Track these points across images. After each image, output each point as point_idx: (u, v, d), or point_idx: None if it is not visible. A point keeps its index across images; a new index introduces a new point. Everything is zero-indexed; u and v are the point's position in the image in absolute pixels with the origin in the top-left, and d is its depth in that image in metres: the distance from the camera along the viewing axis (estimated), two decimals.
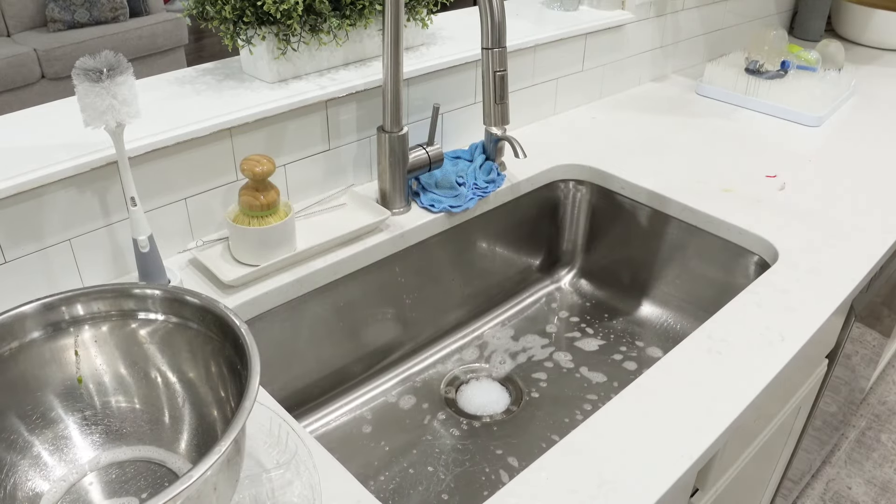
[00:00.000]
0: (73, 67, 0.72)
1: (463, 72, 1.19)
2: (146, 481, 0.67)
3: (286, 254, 0.93)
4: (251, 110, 0.95)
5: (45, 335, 0.66)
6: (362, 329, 1.10)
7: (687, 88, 1.60)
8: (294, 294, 0.95)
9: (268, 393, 0.77)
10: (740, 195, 1.16)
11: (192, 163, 0.93)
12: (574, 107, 1.47)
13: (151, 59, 3.74)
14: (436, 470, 0.98)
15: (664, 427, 0.73)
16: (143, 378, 0.70)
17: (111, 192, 0.87)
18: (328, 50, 1.07)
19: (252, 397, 0.55)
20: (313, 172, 1.07)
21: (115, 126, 0.76)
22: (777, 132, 1.41)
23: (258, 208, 0.90)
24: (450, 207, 1.09)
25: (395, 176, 1.05)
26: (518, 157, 1.12)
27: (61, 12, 3.55)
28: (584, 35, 1.38)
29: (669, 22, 1.58)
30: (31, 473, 0.65)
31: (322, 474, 0.67)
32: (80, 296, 0.67)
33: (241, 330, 0.62)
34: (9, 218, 0.80)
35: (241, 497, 0.64)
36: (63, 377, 0.68)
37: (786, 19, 2.00)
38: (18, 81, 3.29)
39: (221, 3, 0.96)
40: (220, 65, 1.11)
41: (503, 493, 0.66)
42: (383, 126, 1.03)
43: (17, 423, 0.65)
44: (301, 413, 1.05)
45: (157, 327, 0.69)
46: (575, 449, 0.71)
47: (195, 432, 0.69)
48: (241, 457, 0.61)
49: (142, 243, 0.83)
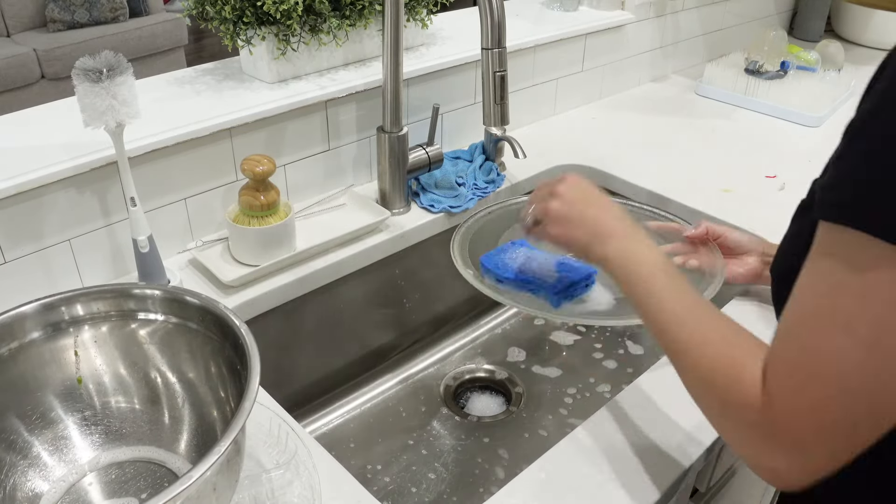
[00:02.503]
0: (72, 67, 0.72)
1: (463, 72, 1.19)
2: (146, 481, 0.67)
3: (286, 254, 0.93)
4: (251, 110, 0.95)
5: (44, 335, 0.66)
6: (362, 329, 1.10)
7: (687, 89, 1.60)
8: (294, 294, 0.95)
9: (267, 393, 0.77)
10: (740, 195, 1.16)
11: (192, 163, 0.93)
12: (574, 107, 1.47)
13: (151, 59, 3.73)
14: (435, 470, 0.98)
15: (664, 427, 0.73)
16: (143, 378, 0.70)
17: (111, 192, 0.87)
18: (328, 50, 1.07)
19: (252, 397, 0.55)
20: (313, 172, 1.07)
21: (115, 126, 0.76)
22: (777, 132, 1.41)
23: (258, 208, 0.90)
24: (449, 208, 1.09)
25: (395, 176, 1.05)
26: (518, 158, 1.12)
27: (61, 12, 3.55)
28: (584, 35, 1.38)
29: (669, 22, 1.58)
30: (31, 473, 0.65)
31: (322, 474, 0.67)
32: (80, 296, 0.67)
33: (240, 330, 0.62)
34: (9, 218, 0.80)
35: (241, 497, 0.64)
36: (63, 377, 0.68)
37: (785, 20, 2.00)
38: (18, 81, 3.29)
39: (221, 3, 0.96)
40: (219, 65, 1.11)
41: (503, 492, 0.66)
42: (383, 126, 1.03)
43: (17, 423, 0.65)
44: (301, 413, 1.05)
45: (156, 327, 0.68)
46: (575, 449, 0.71)
47: (195, 432, 0.69)
48: (241, 457, 0.61)
49: (141, 243, 0.83)
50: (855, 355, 0.42)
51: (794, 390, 0.46)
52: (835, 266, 0.43)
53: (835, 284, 0.43)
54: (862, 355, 0.42)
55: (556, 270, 0.77)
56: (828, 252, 0.44)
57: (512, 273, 0.76)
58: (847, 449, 0.46)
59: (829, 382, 0.44)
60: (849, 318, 0.42)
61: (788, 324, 0.47)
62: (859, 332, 0.42)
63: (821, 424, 0.45)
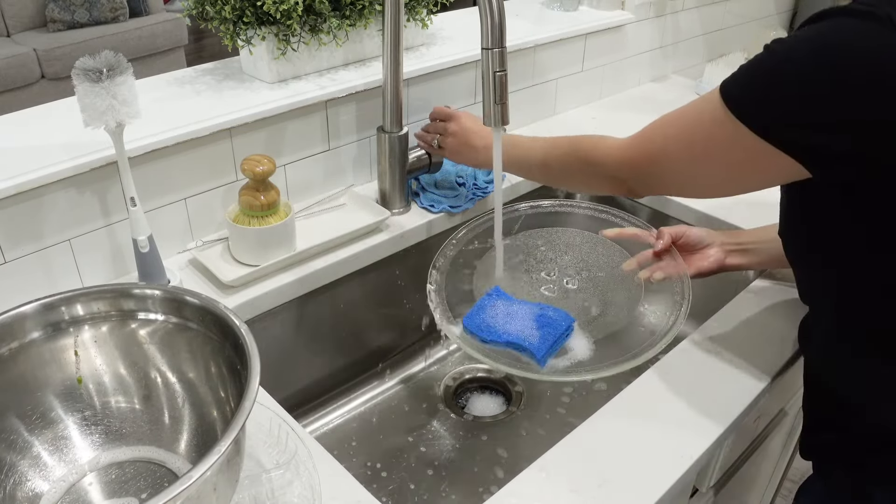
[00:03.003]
0: (72, 67, 0.72)
1: (463, 72, 1.19)
2: (146, 481, 0.67)
3: (286, 254, 0.93)
4: (251, 110, 0.95)
5: (44, 335, 0.66)
6: (362, 329, 1.10)
7: (687, 89, 1.60)
8: (294, 294, 0.95)
9: (267, 393, 0.77)
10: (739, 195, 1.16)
11: (192, 163, 0.93)
12: (574, 107, 1.47)
13: (151, 59, 3.73)
14: (435, 470, 0.98)
15: (664, 427, 0.73)
16: (143, 378, 0.70)
17: (111, 192, 0.87)
18: (328, 50, 1.07)
19: (252, 397, 0.55)
20: (313, 172, 1.07)
21: (115, 126, 0.76)
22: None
23: (258, 208, 0.90)
24: (449, 208, 1.09)
25: (395, 176, 1.05)
26: None
27: (61, 12, 3.55)
28: (584, 35, 1.38)
29: (669, 22, 1.58)
30: (31, 474, 0.65)
31: (322, 474, 0.67)
32: (80, 296, 0.67)
33: (240, 330, 0.62)
34: (9, 218, 0.80)
35: (241, 497, 0.64)
36: (63, 377, 0.68)
37: (786, 19, 2.00)
38: (18, 81, 3.29)
39: (221, 3, 0.96)
40: (219, 65, 1.11)
41: (503, 492, 0.66)
42: (383, 126, 1.03)
43: (17, 423, 0.65)
44: (301, 413, 1.05)
45: (156, 327, 0.68)
46: (575, 449, 0.71)
47: (195, 432, 0.69)
48: (241, 457, 0.61)
49: (141, 243, 0.83)
50: (686, 158, 0.69)
51: (643, 154, 0.73)
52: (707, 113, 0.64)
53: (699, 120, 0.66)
54: (690, 162, 0.69)
55: (537, 327, 0.84)
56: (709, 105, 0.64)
57: (496, 336, 0.83)
58: (662, 190, 0.79)
59: (664, 160, 0.71)
60: (694, 140, 0.67)
61: (675, 113, 0.70)
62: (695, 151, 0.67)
63: (650, 174, 0.74)
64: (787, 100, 0.57)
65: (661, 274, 0.89)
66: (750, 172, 0.64)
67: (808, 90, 0.55)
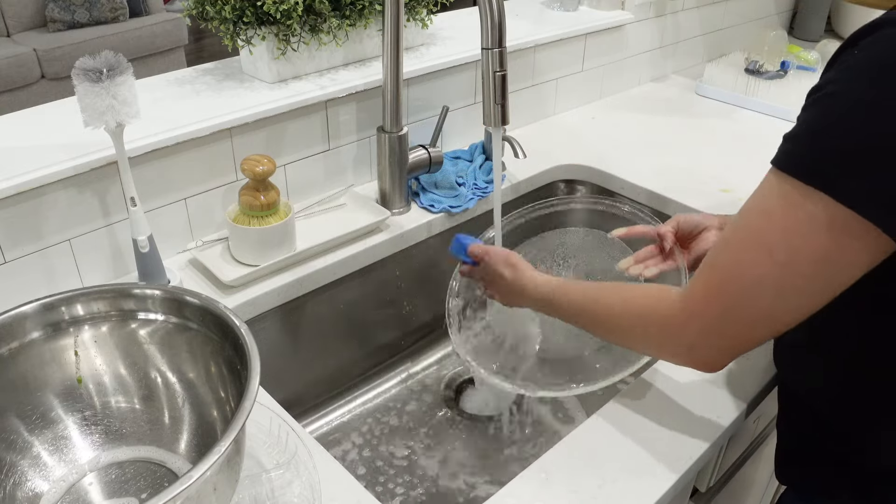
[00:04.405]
0: (72, 67, 0.72)
1: (463, 72, 1.19)
2: (146, 481, 0.67)
3: (286, 254, 0.93)
4: (251, 110, 0.95)
5: (44, 335, 0.66)
6: (362, 329, 1.10)
7: (687, 89, 1.60)
8: (294, 294, 0.95)
9: (267, 393, 0.77)
10: (739, 195, 1.16)
11: (192, 163, 0.93)
12: (574, 107, 1.47)
13: (151, 59, 3.73)
14: (435, 469, 0.98)
15: (664, 427, 0.73)
16: (143, 378, 0.70)
17: (111, 192, 0.87)
18: (328, 50, 1.07)
19: (252, 397, 0.55)
20: (313, 172, 1.07)
21: (115, 126, 0.76)
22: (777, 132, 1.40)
23: (258, 208, 0.90)
24: (449, 208, 1.09)
25: (395, 176, 1.05)
26: (518, 158, 1.12)
27: (61, 12, 3.55)
28: (584, 35, 1.38)
29: (669, 22, 1.58)
30: (31, 473, 0.65)
31: (322, 474, 0.67)
32: (80, 296, 0.67)
33: (240, 330, 0.62)
34: (9, 218, 0.80)
35: (241, 497, 0.64)
36: (63, 377, 0.68)
37: (785, 19, 2.00)
38: (18, 81, 3.29)
39: (221, 3, 0.96)
40: (219, 65, 1.11)
41: (503, 492, 0.66)
42: (383, 126, 1.03)
43: (17, 423, 0.65)
44: (301, 413, 1.05)
45: (156, 327, 0.68)
46: (575, 449, 0.71)
47: (195, 432, 0.69)
48: (241, 457, 0.61)
49: (142, 243, 0.83)
50: (770, 271, 0.54)
51: (713, 292, 0.58)
52: (771, 205, 0.54)
53: (766, 217, 0.54)
54: (776, 272, 0.54)
55: None
56: (768, 194, 0.55)
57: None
58: (744, 342, 0.59)
59: (744, 286, 0.55)
60: (771, 244, 0.54)
61: (726, 237, 0.58)
62: (778, 256, 0.53)
63: (728, 317, 0.57)
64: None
65: (654, 269, 0.87)
66: (836, 258, 0.52)
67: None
